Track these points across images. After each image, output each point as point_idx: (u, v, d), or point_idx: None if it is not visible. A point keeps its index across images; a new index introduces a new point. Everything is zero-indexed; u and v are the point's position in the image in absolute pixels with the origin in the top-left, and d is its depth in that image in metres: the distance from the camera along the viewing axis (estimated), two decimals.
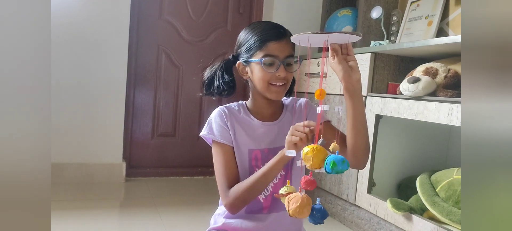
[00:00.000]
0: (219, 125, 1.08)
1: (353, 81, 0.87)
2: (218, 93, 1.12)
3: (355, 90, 0.88)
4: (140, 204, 2.03)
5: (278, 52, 1.01)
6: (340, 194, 1.88)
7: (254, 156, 1.09)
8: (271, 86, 1.04)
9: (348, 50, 0.88)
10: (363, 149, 0.95)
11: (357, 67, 0.87)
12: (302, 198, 0.79)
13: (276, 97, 1.05)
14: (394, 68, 1.78)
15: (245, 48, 1.06)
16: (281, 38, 1.02)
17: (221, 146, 1.07)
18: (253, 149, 1.08)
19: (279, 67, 1.01)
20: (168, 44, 2.56)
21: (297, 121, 1.12)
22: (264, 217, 1.11)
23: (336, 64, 0.87)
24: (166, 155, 2.61)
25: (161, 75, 2.57)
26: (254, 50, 1.04)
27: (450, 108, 1.32)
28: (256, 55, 1.03)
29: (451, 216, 1.38)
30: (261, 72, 1.02)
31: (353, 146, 0.94)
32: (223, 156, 1.06)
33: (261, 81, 1.03)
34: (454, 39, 1.36)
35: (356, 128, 0.92)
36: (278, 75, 1.02)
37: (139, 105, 2.53)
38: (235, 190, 1.02)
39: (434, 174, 1.60)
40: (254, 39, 1.04)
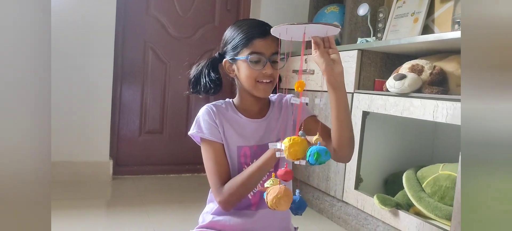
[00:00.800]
0: (208, 122, 1.07)
1: (335, 74, 0.87)
2: (205, 91, 1.12)
3: (337, 83, 0.89)
4: (127, 202, 2.01)
5: (264, 49, 1.01)
6: (328, 190, 1.90)
7: (243, 153, 1.09)
8: (258, 84, 1.04)
9: (330, 43, 0.88)
10: (348, 142, 0.96)
11: (339, 60, 0.87)
12: (280, 189, 0.79)
13: (264, 94, 1.06)
14: (381, 65, 1.79)
15: (231, 46, 1.07)
16: (267, 35, 1.02)
17: (211, 144, 1.07)
18: (242, 146, 1.08)
19: (265, 65, 1.01)
20: (155, 41, 2.53)
21: (284, 117, 1.13)
22: (252, 213, 1.12)
23: (318, 57, 0.87)
24: (153, 153, 2.59)
25: (148, 72, 2.54)
26: (240, 48, 1.04)
27: (435, 105, 1.33)
28: (242, 53, 1.03)
29: (437, 211, 1.40)
30: (247, 69, 1.03)
31: (338, 138, 0.95)
32: (214, 154, 1.06)
33: (248, 78, 1.03)
34: (439, 37, 1.37)
35: (339, 120, 0.93)
36: (265, 73, 1.02)
37: (126, 102, 2.51)
38: (229, 187, 1.02)
39: (420, 169, 1.63)
40: (240, 37, 1.04)
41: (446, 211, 1.38)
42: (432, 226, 1.35)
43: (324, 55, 0.86)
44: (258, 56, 1.01)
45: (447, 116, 1.29)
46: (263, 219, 1.12)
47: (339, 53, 0.88)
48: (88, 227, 1.68)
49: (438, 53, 1.62)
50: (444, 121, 1.30)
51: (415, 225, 1.41)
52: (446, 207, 1.39)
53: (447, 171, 1.47)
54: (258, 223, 1.12)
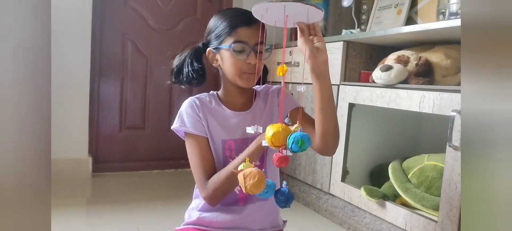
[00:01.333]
0: (191, 116, 1.04)
1: (319, 62, 0.85)
2: (187, 82, 1.09)
3: (321, 72, 0.86)
4: (108, 200, 1.95)
5: (248, 38, 0.98)
6: (315, 183, 1.89)
7: (227, 147, 1.07)
8: (242, 74, 1.01)
9: (315, 30, 0.86)
10: (332, 133, 0.94)
11: (324, 48, 0.85)
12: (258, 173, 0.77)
13: (247, 84, 1.03)
14: (366, 56, 1.79)
15: (214, 35, 1.04)
16: (252, 24, 0.99)
17: (195, 138, 1.03)
18: (227, 140, 1.06)
19: (249, 54, 0.99)
20: (134, 33, 2.45)
21: (270, 109, 1.11)
22: (240, 209, 1.09)
23: (302, 44, 0.85)
24: (135, 149, 2.52)
25: (127, 65, 2.46)
26: (223, 37, 1.01)
27: (422, 95, 1.33)
28: (226, 42, 1.00)
29: (424, 201, 1.40)
30: (231, 59, 1.00)
31: (322, 130, 0.93)
32: (198, 148, 1.03)
33: (232, 68, 1.01)
34: (425, 27, 1.37)
35: (323, 111, 0.90)
36: (249, 62, 0.99)
37: (105, 97, 2.42)
38: (214, 181, 0.99)
39: (405, 160, 1.63)
40: (224, 25, 1.01)
41: (433, 202, 1.38)
42: (419, 216, 1.36)
43: (308, 42, 0.84)
44: (241, 45, 0.98)
45: (434, 106, 1.29)
46: (251, 214, 1.10)
47: (324, 42, 0.85)
48: (68, 227, 1.62)
49: (423, 45, 1.62)
50: (430, 112, 1.30)
51: (403, 215, 1.42)
52: (433, 197, 1.40)
53: (433, 162, 1.48)
54: (247, 219, 1.10)
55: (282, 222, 1.19)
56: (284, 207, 0.87)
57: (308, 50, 0.84)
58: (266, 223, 1.14)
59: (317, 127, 0.94)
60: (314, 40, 0.85)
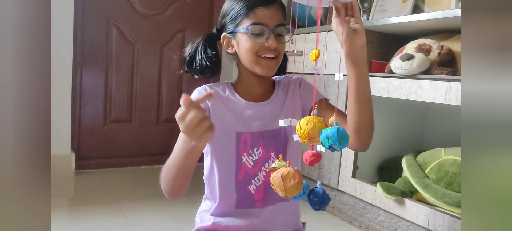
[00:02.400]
0: None
1: (355, 47, 0.76)
2: (201, 71, 0.98)
3: (358, 57, 0.77)
4: (96, 200, 1.78)
5: (267, 19, 0.88)
6: (321, 178, 1.79)
7: (243, 140, 0.96)
8: (261, 60, 0.91)
9: (353, 11, 0.76)
10: (367, 127, 0.84)
11: (362, 31, 0.76)
12: (297, 173, 0.68)
13: (267, 72, 0.93)
14: (377, 45, 1.70)
15: (230, 17, 0.93)
16: (271, 4, 0.89)
17: None
18: (242, 132, 0.95)
19: (268, 37, 0.88)
20: (119, 17, 2.26)
21: (291, 101, 1.00)
22: (258, 211, 0.99)
23: (337, 26, 0.76)
24: (121, 143, 2.34)
25: (112, 53, 2.27)
26: (240, 18, 0.91)
27: (448, 86, 1.25)
28: (243, 24, 0.90)
29: (446, 198, 1.33)
30: (248, 42, 0.90)
31: (357, 123, 0.83)
32: None
33: (249, 53, 0.90)
34: (453, 13, 1.29)
35: (359, 102, 0.81)
36: (268, 46, 0.89)
37: (88, 87, 2.22)
38: (163, 172, 0.86)
39: (419, 154, 1.56)
40: (240, 6, 0.91)
41: (456, 198, 1.31)
42: (444, 214, 1.29)
43: (344, 24, 0.74)
44: (260, 27, 0.88)
45: None
46: (271, 217, 1.00)
47: (363, 23, 0.76)
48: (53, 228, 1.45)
49: (438, 33, 1.54)
50: (458, 104, 1.23)
51: (424, 213, 1.34)
52: (455, 194, 1.33)
53: (452, 156, 1.41)
54: (266, 222, 1.01)
55: (302, 224, 1.10)
56: (319, 209, 0.78)
57: (345, 32, 0.74)
58: (288, 226, 1.05)
59: (351, 120, 0.84)
60: (351, 21, 0.76)
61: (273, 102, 0.98)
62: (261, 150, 0.98)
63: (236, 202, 0.97)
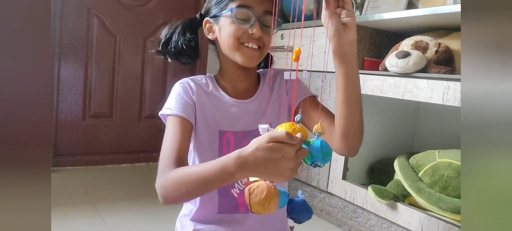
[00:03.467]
0: (182, 97, 0.85)
1: (344, 43, 0.68)
2: (175, 53, 0.89)
3: (346, 54, 0.70)
4: (72, 201, 1.67)
5: (254, 3, 0.81)
6: (309, 180, 1.72)
7: (225, 140, 0.89)
8: (242, 47, 0.83)
9: (344, 2, 0.68)
10: (356, 130, 0.77)
11: (353, 25, 0.68)
12: (268, 189, 0.61)
13: (248, 62, 0.84)
14: (370, 42, 1.63)
15: (215, 1, 0.86)
16: None
17: (177, 120, 0.82)
18: (225, 131, 0.88)
19: (253, 24, 0.80)
20: (100, 7, 2.14)
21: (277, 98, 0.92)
22: (242, 217, 0.92)
23: (325, 18, 0.68)
24: (101, 139, 2.23)
25: (93, 45, 2.15)
26: (226, 1, 0.83)
27: (446, 86, 1.19)
28: (229, 6, 0.82)
29: (441, 203, 1.27)
30: (231, 26, 0.82)
31: (344, 126, 0.76)
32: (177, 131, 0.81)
33: (230, 37, 0.82)
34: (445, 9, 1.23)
35: (347, 103, 0.74)
36: (252, 34, 0.81)
37: (66, 80, 2.10)
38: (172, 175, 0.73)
39: (412, 156, 1.50)
40: None
41: (451, 204, 1.25)
42: (438, 220, 1.23)
43: (333, 17, 0.67)
44: (246, 11, 0.80)
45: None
46: (256, 223, 0.94)
47: (355, 17, 0.68)
48: None
49: (434, 31, 1.48)
50: (456, 104, 1.16)
51: (418, 219, 1.28)
52: (451, 199, 1.27)
53: (447, 159, 1.35)
54: (251, 228, 0.93)
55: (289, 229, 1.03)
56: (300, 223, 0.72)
57: (333, 27, 0.67)
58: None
59: (339, 122, 0.77)
60: (342, 14, 0.68)
61: (258, 99, 0.91)
62: None
63: (218, 206, 0.90)
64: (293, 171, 0.60)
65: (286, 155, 0.58)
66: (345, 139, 0.77)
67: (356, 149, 0.81)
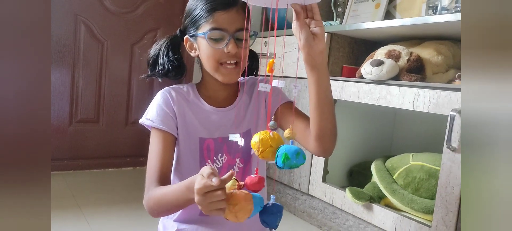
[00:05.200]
0: (162, 109, 0.91)
1: (314, 52, 0.73)
2: (163, 74, 0.95)
3: (316, 63, 0.75)
4: (58, 204, 1.69)
5: (226, 24, 0.85)
6: (291, 183, 1.77)
7: (206, 146, 0.94)
8: (221, 67, 0.88)
9: (313, 13, 0.73)
10: (330, 133, 0.83)
11: (322, 36, 0.72)
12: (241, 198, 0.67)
13: (228, 80, 0.90)
14: (349, 50, 1.70)
15: (190, 20, 0.91)
16: (230, 6, 0.86)
17: (158, 134, 0.90)
18: (205, 138, 0.93)
19: (228, 42, 0.85)
20: (88, 14, 2.18)
21: (255, 104, 0.98)
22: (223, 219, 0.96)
23: (296, 29, 0.73)
24: (87, 144, 2.25)
25: (80, 51, 2.18)
26: (199, 22, 0.88)
27: (416, 93, 1.26)
28: (203, 28, 0.87)
29: (413, 204, 1.34)
30: (208, 49, 0.87)
31: (318, 129, 0.82)
32: (160, 145, 0.89)
33: (210, 60, 0.88)
34: (421, 21, 1.30)
35: (320, 108, 0.79)
36: (228, 52, 0.86)
37: (53, 86, 2.12)
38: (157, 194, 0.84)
39: (388, 160, 1.57)
40: (200, 8, 0.88)
41: (422, 204, 1.32)
42: (410, 220, 1.29)
43: (303, 28, 0.71)
44: (219, 32, 0.85)
45: (430, 105, 1.22)
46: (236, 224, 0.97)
47: (324, 27, 0.73)
48: None
49: (408, 40, 1.56)
50: (425, 110, 1.23)
51: (392, 219, 1.34)
52: (422, 200, 1.34)
53: (419, 162, 1.42)
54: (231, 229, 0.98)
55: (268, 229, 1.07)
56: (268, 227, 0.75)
57: (303, 37, 0.71)
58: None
59: (313, 126, 0.83)
60: (312, 24, 0.72)
61: (237, 107, 0.96)
62: (225, 156, 0.96)
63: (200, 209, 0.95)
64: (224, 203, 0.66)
65: (216, 197, 0.64)
66: (320, 141, 0.83)
67: (330, 150, 0.86)
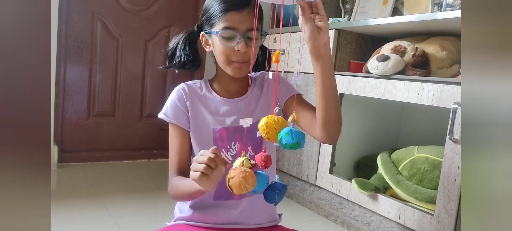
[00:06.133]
0: (176, 105, 1.00)
1: (319, 44, 0.77)
2: (179, 66, 1.02)
3: (321, 54, 0.80)
4: (78, 193, 1.79)
5: (238, 24, 0.91)
6: (299, 175, 1.84)
7: (219, 136, 1.00)
8: (232, 63, 0.95)
9: (318, 9, 0.78)
10: (334, 121, 0.88)
11: (326, 29, 0.77)
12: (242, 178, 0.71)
13: (237, 74, 0.96)
14: (356, 46, 1.75)
15: (206, 18, 0.97)
16: (242, 7, 0.91)
17: (174, 129, 1.00)
18: (218, 128, 0.99)
19: (239, 42, 0.91)
20: (104, 12, 2.26)
21: (267, 97, 1.04)
22: (236, 204, 1.03)
23: (302, 23, 0.78)
24: (104, 137, 2.35)
25: (97, 48, 2.27)
26: (214, 20, 0.94)
27: (420, 87, 1.31)
28: (216, 26, 0.93)
29: (417, 194, 1.39)
30: (220, 46, 0.93)
31: (323, 117, 0.87)
32: (176, 140, 1.00)
33: (221, 56, 0.94)
34: (426, 17, 1.35)
35: (325, 97, 0.84)
36: (238, 51, 0.92)
37: (72, 81, 2.22)
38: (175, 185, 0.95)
39: (394, 152, 1.62)
40: (215, 8, 0.93)
41: (426, 194, 1.38)
42: (414, 209, 1.34)
43: (308, 22, 0.76)
44: (231, 32, 0.91)
45: (433, 98, 1.27)
46: (247, 209, 1.04)
47: (327, 21, 0.78)
48: None
49: (415, 36, 1.60)
50: (429, 104, 1.28)
51: (396, 208, 1.40)
52: (426, 190, 1.39)
53: (424, 154, 1.47)
54: (243, 213, 1.04)
55: (278, 216, 1.14)
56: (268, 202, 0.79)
57: (308, 30, 0.76)
58: (264, 217, 1.09)
59: (318, 115, 0.88)
60: (316, 19, 0.77)
61: (248, 98, 1.02)
62: (238, 145, 1.02)
63: (214, 193, 1.00)
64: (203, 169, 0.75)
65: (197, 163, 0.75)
66: (325, 129, 0.88)
67: (335, 138, 0.91)
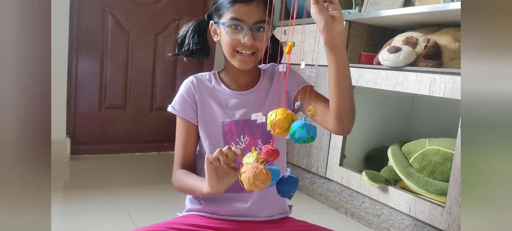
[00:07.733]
0: (184, 98, 1.00)
1: (334, 34, 0.76)
2: (188, 54, 1.03)
3: (336, 44, 0.79)
4: (91, 184, 1.82)
5: (245, 16, 0.90)
6: (309, 167, 1.84)
7: (228, 129, 1.00)
8: (237, 54, 0.94)
9: None
10: (348, 112, 0.87)
11: (340, 18, 0.76)
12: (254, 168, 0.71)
13: (242, 66, 0.96)
14: (367, 38, 1.74)
15: (215, 8, 0.97)
16: (251, 0, 0.90)
17: (181, 121, 1.01)
18: (227, 121, 0.99)
19: (245, 34, 0.90)
20: (115, 5, 2.28)
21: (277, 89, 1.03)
22: (246, 197, 1.03)
23: (315, 13, 0.76)
24: (115, 130, 2.38)
25: (108, 41, 2.29)
26: (222, 11, 0.93)
27: (432, 78, 1.30)
28: (224, 17, 0.93)
29: (428, 186, 1.39)
30: (226, 37, 0.93)
31: (337, 108, 0.86)
32: (181, 133, 1.01)
33: (227, 46, 0.94)
34: (439, 8, 1.33)
35: (338, 87, 0.84)
36: (244, 43, 0.91)
37: (83, 74, 2.25)
38: (179, 179, 0.97)
39: (404, 144, 1.61)
40: None
41: (437, 186, 1.37)
42: (425, 201, 1.34)
43: (322, 12, 0.75)
44: (237, 23, 0.90)
45: (446, 90, 1.26)
46: (258, 201, 1.04)
47: (341, 10, 0.78)
48: None
49: (426, 27, 1.59)
50: (441, 95, 1.27)
51: (406, 200, 1.40)
52: (437, 182, 1.38)
53: (435, 146, 1.46)
54: (254, 207, 1.05)
55: (288, 207, 1.14)
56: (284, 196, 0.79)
57: (323, 20, 0.75)
58: (274, 210, 1.09)
59: (332, 105, 0.87)
60: (330, 8, 0.77)
61: (258, 90, 1.01)
62: (247, 138, 1.02)
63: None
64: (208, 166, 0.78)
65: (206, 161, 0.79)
66: (338, 120, 0.88)
67: (349, 128, 0.91)
